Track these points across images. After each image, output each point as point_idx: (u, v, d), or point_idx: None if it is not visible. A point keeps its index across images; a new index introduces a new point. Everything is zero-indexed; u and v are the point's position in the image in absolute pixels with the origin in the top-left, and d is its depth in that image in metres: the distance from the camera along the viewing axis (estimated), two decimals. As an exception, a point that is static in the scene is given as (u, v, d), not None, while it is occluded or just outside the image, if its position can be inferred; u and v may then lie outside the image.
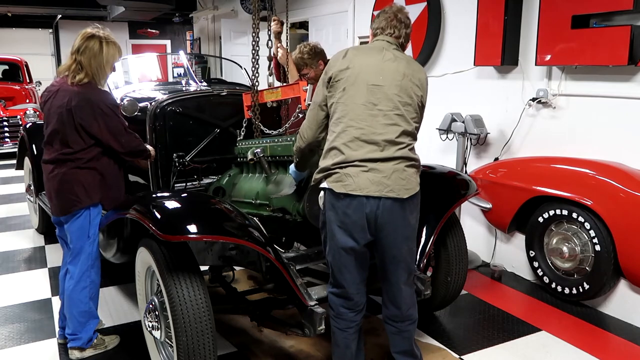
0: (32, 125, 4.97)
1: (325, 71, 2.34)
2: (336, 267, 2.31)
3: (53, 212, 2.80)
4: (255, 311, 2.74)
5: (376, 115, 2.20)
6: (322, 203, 2.30)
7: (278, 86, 3.46)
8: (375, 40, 2.40)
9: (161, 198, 2.55)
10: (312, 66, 3.74)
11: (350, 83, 2.23)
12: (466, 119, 4.03)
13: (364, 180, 2.16)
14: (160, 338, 2.47)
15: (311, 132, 2.39)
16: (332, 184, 2.21)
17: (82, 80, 2.64)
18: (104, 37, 2.69)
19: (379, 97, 2.21)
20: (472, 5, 4.11)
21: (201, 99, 3.72)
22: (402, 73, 2.26)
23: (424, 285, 2.78)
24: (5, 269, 4.14)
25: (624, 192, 3.11)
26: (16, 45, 13.36)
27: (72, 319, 2.80)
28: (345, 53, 2.33)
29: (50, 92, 2.74)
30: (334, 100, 2.27)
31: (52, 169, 2.70)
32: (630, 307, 3.29)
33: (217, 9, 10.03)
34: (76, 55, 2.65)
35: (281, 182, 2.99)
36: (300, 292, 2.41)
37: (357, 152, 2.18)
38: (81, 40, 2.66)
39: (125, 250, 2.95)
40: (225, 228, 2.32)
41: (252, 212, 3.07)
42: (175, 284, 2.22)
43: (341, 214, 2.21)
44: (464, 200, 3.07)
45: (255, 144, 3.20)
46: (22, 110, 9.11)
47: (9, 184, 7.22)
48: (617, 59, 3.18)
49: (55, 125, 2.65)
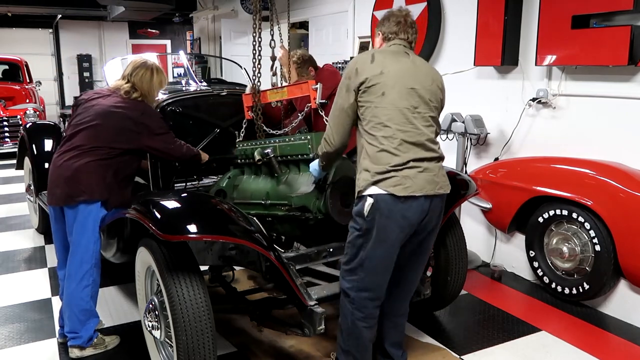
0: (32, 125, 4.96)
1: (349, 76, 2.31)
2: (379, 271, 2.31)
3: (55, 201, 2.77)
4: (255, 311, 2.74)
5: (417, 118, 2.27)
6: (369, 210, 2.22)
7: (284, 85, 3.44)
8: (392, 44, 2.41)
9: (161, 198, 2.55)
10: (303, 73, 3.84)
11: (390, 87, 2.24)
12: (466, 119, 4.04)
13: (421, 181, 2.23)
14: (160, 338, 2.47)
15: (339, 138, 2.39)
16: (391, 188, 2.19)
17: (137, 98, 2.86)
18: (154, 67, 2.91)
19: (418, 100, 2.28)
20: (472, 5, 4.11)
21: (201, 98, 3.72)
22: (431, 78, 2.36)
23: (423, 285, 2.80)
24: (5, 269, 4.14)
25: (624, 192, 3.11)
26: (16, 45, 13.35)
27: (72, 317, 2.79)
28: (372, 57, 2.31)
29: (100, 94, 2.88)
30: (370, 105, 2.26)
31: (70, 157, 2.72)
32: (630, 307, 3.30)
33: (217, 9, 10.03)
34: (129, 78, 2.87)
35: (294, 181, 2.95)
36: (300, 292, 2.41)
37: (407, 154, 2.23)
38: (133, 67, 2.88)
39: (125, 250, 2.95)
40: (225, 228, 2.32)
41: (262, 213, 3.03)
42: (175, 284, 2.22)
43: (400, 218, 2.23)
44: (464, 200, 3.08)
45: (260, 144, 3.16)
46: (22, 110, 9.11)
47: (9, 183, 7.22)
48: (617, 59, 3.18)
49: (97, 119, 2.75)
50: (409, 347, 2.92)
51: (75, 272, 2.77)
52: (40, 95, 10.95)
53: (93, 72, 14.68)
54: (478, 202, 3.98)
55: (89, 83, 14.52)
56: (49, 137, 4.77)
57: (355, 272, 2.33)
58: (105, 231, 2.94)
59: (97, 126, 2.74)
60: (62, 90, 14.85)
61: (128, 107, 2.79)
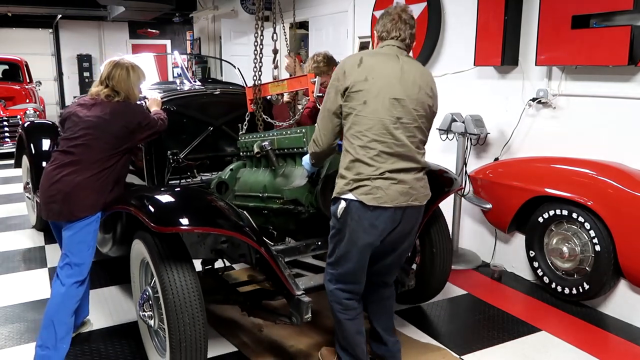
0: (30, 124, 4.97)
1: (337, 77, 2.31)
2: (351, 266, 2.36)
3: (54, 216, 2.72)
4: (246, 302, 2.85)
5: (398, 128, 2.24)
6: (341, 213, 2.28)
7: (284, 79, 3.48)
8: (385, 44, 2.38)
9: (155, 192, 2.66)
10: (328, 73, 3.84)
11: (373, 96, 2.22)
12: (466, 119, 4.04)
13: (394, 192, 2.24)
14: (154, 326, 2.57)
15: (327, 139, 2.39)
16: (362, 196, 2.22)
17: (120, 100, 2.82)
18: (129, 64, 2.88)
19: (400, 111, 2.24)
20: (472, 5, 4.11)
21: (194, 97, 3.79)
22: (418, 85, 2.30)
23: (408, 276, 2.89)
24: (5, 269, 4.14)
25: (624, 192, 3.11)
26: (16, 45, 13.35)
27: (49, 329, 2.66)
28: (359, 61, 2.28)
29: (84, 105, 2.82)
30: (352, 111, 2.26)
31: (69, 172, 2.66)
32: (630, 307, 3.30)
33: (217, 9, 10.04)
34: (106, 82, 2.82)
35: (290, 174, 3.00)
36: (288, 282, 2.51)
37: (384, 164, 2.23)
38: (108, 70, 2.84)
39: (121, 241, 3.04)
40: (215, 221, 2.43)
41: (259, 206, 3.09)
42: (167, 272, 2.34)
43: (367, 226, 2.26)
44: (447, 195, 3.15)
45: (261, 137, 3.21)
46: (22, 110, 9.10)
47: (9, 183, 7.22)
48: (617, 59, 3.18)
49: (88, 131, 2.71)
50: (409, 347, 2.93)
51: (66, 281, 2.70)
52: (40, 95, 10.95)
53: (93, 72, 14.66)
54: (478, 202, 3.99)
55: (89, 83, 14.48)
56: (46, 136, 4.80)
57: (333, 266, 2.42)
58: (102, 226, 3.00)
59: (92, 139, 2.70)
60: (62, 90, 14.84)
61: (115, 112, 2.75)
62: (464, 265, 4.17)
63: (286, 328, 3.08)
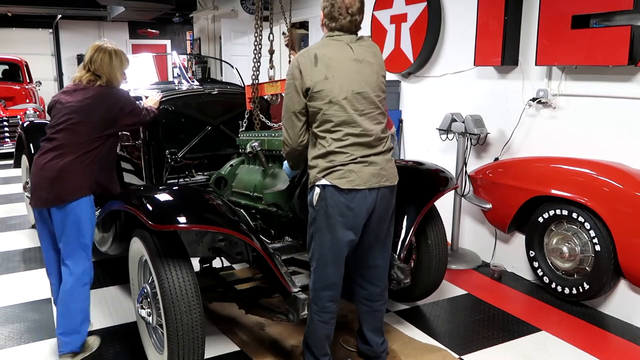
0: (29, 123, 4.97)
1: (293, 76, 2.32)
2: (328, 261, 2.38)
3: (40, 203, 2.73)
4: (243, 299, 2.88)
5: (365, 119, 2.32)
6: (317, 199, 2.32)
7: (279, 79, 3.49)
8: (334, 36, 2.37)
9: (153, 191, 2.68)
10: None
11: (337, 94, 2.27)
12: (466, 119, 4.04)
13: (366, 174, 2.29)
14: (152, 323, 2.58)
15: (295, 138, 2.41)
16: (336, 181, 2.27)
17: (102, 84, 2.81)
18: (112, 49, 2.86)
19: (364, 103, 2.32)
20: (472, 5, 4.11)
21: (192, 97, 3.83)
22: (375, 72, 2.36)
23: (403, 274, 2.90)
24: (5, 269, 4.14)
25: (624, 192, 3.11)
26: (16, 45, 13.37)
27: (70, 318, 2.75)
28: (315, 59, 2.29)
29: (66, 91, 2.84)
30: (319, 111, 2.29)
31: (52, 157, 2.69)
32: (630, 307, 3.30)
33: (217, 9, 10.05)
34: (89, 66, 2.81)
35: (277, 176, 3.05)
36: (284, 279, 2.55)
37: (356, 152, 2.30)
38: (90, 54, 2.82)
39: (121, 239, 3.05)
40: (213, 219, 2.46)
41: (249, 204, 3.15)
42: (165, 270, 2.35)
43: (344, 209, 2.29)
44: (442, 194, 3.17)
45: (255, 136, 3.26)
46: (22, 110, 9.12)
47: (9, 183, 7.22)
48: (617, 59, 3.18)
49: (70, 115, 2.72)
50: (409, 348, 2.93)
51: (73, 269, 2.73)
52: (40, 95, 10.96)
53: (93, 72, 14.67)
54: (478, 202, 3.99)
55: (89, 83, 14.52)
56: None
57: (311, 263, 2.43)
58: (100, 225, 3.04)
59: (74, 123, 2.72)
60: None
61: (97, 96, 2.75)
62: (464, 265, 4.17)
63: (287, 326, 3.09)
